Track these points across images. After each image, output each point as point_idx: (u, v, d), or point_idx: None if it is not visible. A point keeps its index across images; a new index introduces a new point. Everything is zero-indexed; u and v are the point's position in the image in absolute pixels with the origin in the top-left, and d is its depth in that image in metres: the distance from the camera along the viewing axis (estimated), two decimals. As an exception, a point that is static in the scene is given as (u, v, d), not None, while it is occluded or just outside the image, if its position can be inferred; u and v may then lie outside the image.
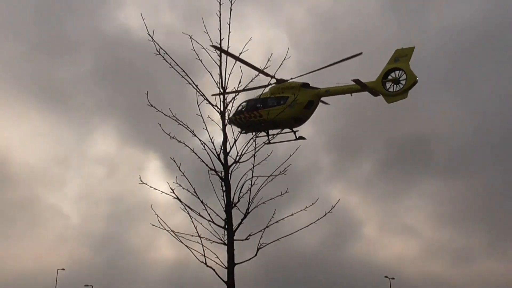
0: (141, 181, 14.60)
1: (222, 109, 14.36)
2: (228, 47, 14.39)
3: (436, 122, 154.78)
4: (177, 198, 14.31)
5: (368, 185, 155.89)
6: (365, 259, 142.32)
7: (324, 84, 31.09)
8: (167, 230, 14.13)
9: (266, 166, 15.59)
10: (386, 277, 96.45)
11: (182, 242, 14.04)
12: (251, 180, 14.12)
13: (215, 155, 14.21)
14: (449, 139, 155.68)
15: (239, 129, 21.07)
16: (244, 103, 31.36)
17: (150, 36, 14.32)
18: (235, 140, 14.28)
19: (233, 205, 14.28)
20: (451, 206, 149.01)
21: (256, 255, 14.01)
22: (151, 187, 14.54)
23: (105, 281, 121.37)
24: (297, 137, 27.34)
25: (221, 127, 14.34)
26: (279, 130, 28.82)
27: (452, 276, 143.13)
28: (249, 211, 14.11)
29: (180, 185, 14.53)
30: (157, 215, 14.16)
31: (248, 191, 14.15)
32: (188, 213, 14.19)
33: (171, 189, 14.32)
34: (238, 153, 14.39)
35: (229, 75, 14.35)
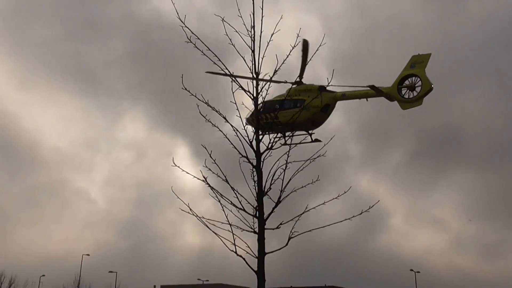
0: (174, 164, 14.51)
1: (255, 95, 14.14)
2: (261, 32, 14.11)
3: (470, 111, 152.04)
4: (208, 184, 14.19)
5: (396, 176, 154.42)
6: (391, 251, 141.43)
7: (340, 88, 31.06)
8: (196, 216, 14.02)
9: (296, 154, 15.42)
10: (411, 270, 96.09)
11: (211, 230, 13.94)
12: (285, 166, 13.88)
13: (247, 141, 14.04)
14: (482, 129, 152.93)
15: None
16: (261, 104, 31.67)
17: (182, 22, 14.12)
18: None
19: (264, 193, 14.09)
20: (481, 199, 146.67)
21: (287, 244, 13.83)
22: (183, 170, 14.47)
23: (129, 267, 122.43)
24: (313, 139, 27.42)
25: (254, 113, 14.13)
26: (295, 131, 29.20)
27: (480, 271, 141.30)
28: (280, 199, 13.91)
29: (210, 169, 14.41)
30: (183, 201, 14.01)
31: (280, 179, 13.92)
32: (219, 200, 14.06)
33: (204, 176, 14.17)
34: (270, 140, 14.19)
35: (262, 59, 14.12)
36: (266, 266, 13.60)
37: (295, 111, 14.52)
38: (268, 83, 14.25)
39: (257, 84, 14.15)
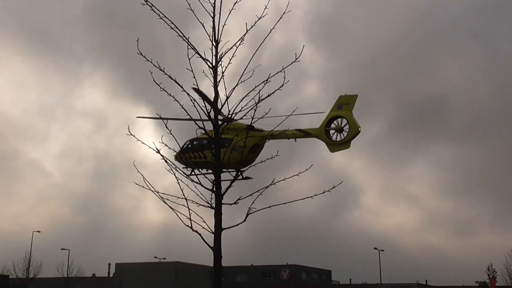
0: (129, 132, 14.15)
1: (214, 64, 13.78)
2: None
3: (455, 82, 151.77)
4: (162, 156, 13.94)
5: (373, 148, 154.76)
6: (361, 229, 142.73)
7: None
8: (152, 191, 13.75)
9: (263, 124, 15.14)
10: (375, 248, 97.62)
11: (166, 204, 13.73)
12: (246, 139, 13.62)
13: (205, 112, 13.71)
14: (467, 101, 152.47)
15: (185, 167, 20.48)
16: (188, 143, 32.10)
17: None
18: (227, 98, 13.75)
19: (222, 167, 13.82)
20: (459, 175, 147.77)
21: (245, 220, 13.68)
22: (138, 140, 14.13)
23: (84, 244, 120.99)
24: (244, 177, 27.50)
25: (212, 83, 13.78)
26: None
27: (452, 248, 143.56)
28: (239, 173, 13.69)
29: (166, 145, 14.12)
30: (142, 174, 13.75)
31: (240, 152, 13.68)
32: (174, 174, 13.82)
33: (157, 149, 13.88)
34: (230, 111, 13.89)
35: (223, 27, 13.76)
36: (228, 244, 13.49)
37: (222, 151, 14.33)
38: (232, 49, 13.77)
39: (217, 52, 13.77)
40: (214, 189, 13.65)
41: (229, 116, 14.13)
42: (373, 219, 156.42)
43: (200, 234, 13.45)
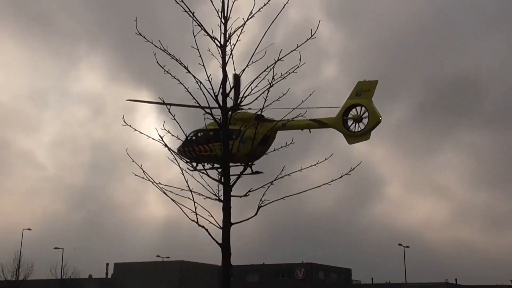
0: (125, 122, 14.12)
1: (222, 42, 13.71)
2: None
3: (489, 62, 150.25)
4: (165, 144, 13.89)
5: (397, 135, 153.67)
6: (384, 223, 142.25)
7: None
8: (152, 182, 13.72)
9: (275, 113, 15.08)
10: (400, 245, 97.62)
11: (168, 196, 13.72)
12: (257, 125, 13.54)
13: (212, 96, 13.66)
14: (503, 83, 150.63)
15: (189, 162, 20.69)
16: (193, 134, 31.80)
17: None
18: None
19: (236, 149, 13.81)
20: (493, 163, 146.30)
21: (256, 214, 13.62)
22: (135, 129, 14.09)
23: (80, 243, 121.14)
24: (253, 171, 27.31)
25: (221, 64, 13.72)
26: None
27: (485, 243, 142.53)
28: (247, 168, 13.70)
29: (168, 131, 14.10)
30: (138, 164, 13.70)
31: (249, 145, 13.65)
32: (178, 164, 13.81)
33: (160, 136, 13.87)
34: (239, 94, 13.83)
35: (233, 2, 13.67)
36: (237, 240, 13.47)
37: (230, 144, 14.37)
38: (241, 28, 13.70)
39: (226, 30, 13.70)
40: (223, 180, 13.60)
41: (239, 100, 14.05)
42: (397, 212, 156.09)
43: (207, 230, 13.47)
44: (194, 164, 15.42)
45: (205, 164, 29.42)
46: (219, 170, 13.85)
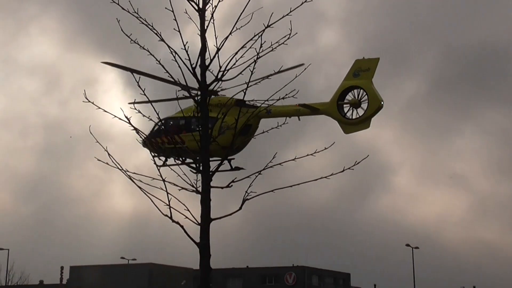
0: (87, 99, 14.17)
1: (201, 5, 13.80)
2: None
3: None
4: (133, 127, 13.96)
5: (408, 115, 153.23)
6: (391, 220, 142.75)
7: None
8: (120, 169, 13.80)
9: (263, 90, 15.17)
10: (407, 245, 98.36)
11: (138, 186, 13.79)
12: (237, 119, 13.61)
13: (189, 68, 13.75)
14: None
15: (156, 155, 20.64)
16: (161, 123, 31.45)
17: None
18: (218, 49, 13.77)
19: (212, 140, 13.93)
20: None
21: (240, 208, 13.77)
22: (99, 107, 14.13)
23: (30, 241, 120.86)
24: (233, 167, 27.31)
25: (199, 30, 13.80)
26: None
27: (508, 245, 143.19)
28: (233, 148, 13.83)
29: (139, 111, 14.18)
30: (103, 146, 13.77)
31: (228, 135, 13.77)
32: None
33: (126, 117, 13.93)
34: (221, 67, 13.91)
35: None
36: (218, 239, 13.59)
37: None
38: None
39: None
40: (201, 168, 13.72)
41: (220, 73, 14.14)
42: (406, 207, 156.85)
43: (182, 226, 13.58)
44: (163, 158, 15.53)
45: (176, 159, 29.63)
46: (192, 165, 13.90)
